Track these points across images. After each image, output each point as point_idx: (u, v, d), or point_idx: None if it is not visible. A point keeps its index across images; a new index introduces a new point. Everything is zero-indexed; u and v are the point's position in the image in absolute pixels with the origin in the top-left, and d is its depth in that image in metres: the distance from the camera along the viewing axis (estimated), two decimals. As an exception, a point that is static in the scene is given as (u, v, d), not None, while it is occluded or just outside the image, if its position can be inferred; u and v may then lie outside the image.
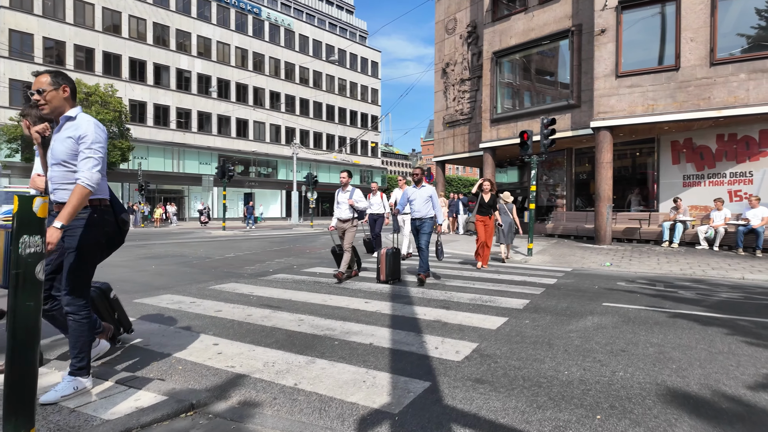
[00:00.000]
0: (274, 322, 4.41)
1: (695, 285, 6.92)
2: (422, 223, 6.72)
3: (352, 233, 6.92)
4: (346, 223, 6.91)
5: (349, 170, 7.11)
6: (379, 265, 6.70)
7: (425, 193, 6.73)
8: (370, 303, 5.33)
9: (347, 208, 6.84)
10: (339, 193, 7.01)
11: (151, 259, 9.63)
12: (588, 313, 4.88)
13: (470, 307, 5.18)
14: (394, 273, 6.72)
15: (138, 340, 3.77)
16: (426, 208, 6.69)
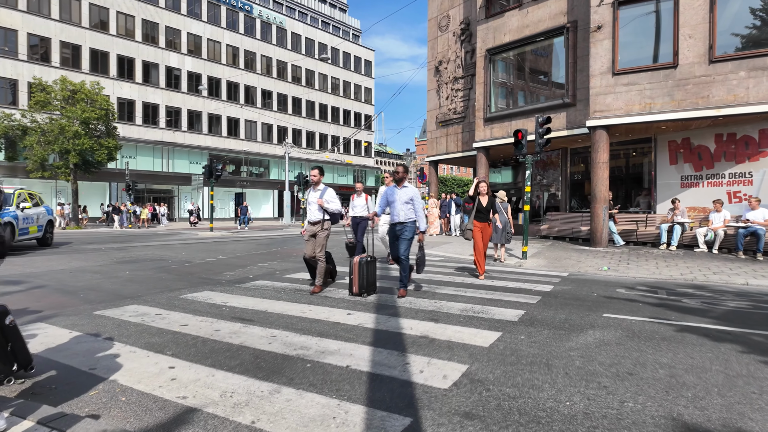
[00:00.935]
0: (243, 339, 3.98)
1: (698, 292, 6.56)
2: (403, 228, 5.91)
3: (323, 238, 6.11)
4: (315, 226, 6.10)
5: (320, 167, 6.27)
6: (351, 276, 5.87)
7: (406, 194, 5.93)
8: (353, 315, 4.91)
9: (317, 209, 6.04)
10: (309, 192, 6.23)
11: (127, 264, 9.15)
12: (588, 327, 4.49)
13: (461, 319, 4.77)
14: (369, 285, 5.88)
15: (85, 363, 3.32)
16: (407, 211, 5.89)
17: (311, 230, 6.14)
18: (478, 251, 7.53)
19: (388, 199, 6.03)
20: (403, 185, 6.05)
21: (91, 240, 16.25)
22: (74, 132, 24.54)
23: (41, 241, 12.14)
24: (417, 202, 5.91)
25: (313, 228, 6.13)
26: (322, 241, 6.10)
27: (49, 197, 32.38)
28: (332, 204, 6.07)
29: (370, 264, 5.95)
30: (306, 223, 6.25)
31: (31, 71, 30.68)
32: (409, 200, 5.89)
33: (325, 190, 6.12)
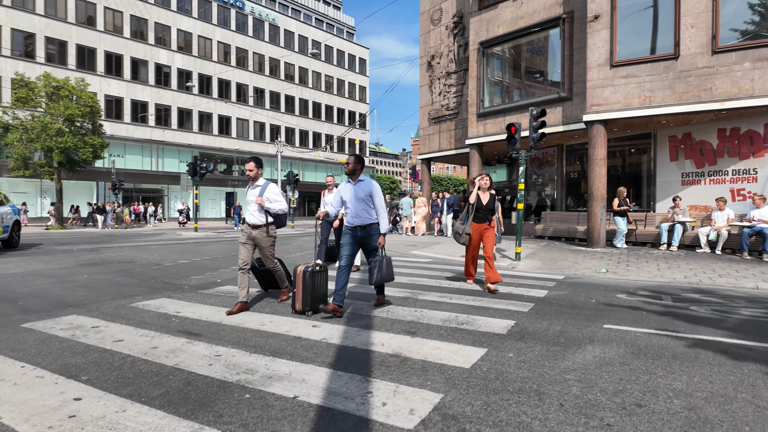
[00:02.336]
0: (180, 359, 3.36)
1: (706, 298, 5.99)
2: (367, 235, 4.85)
3: (269, 247, 5.02)
4: (256, 230, 4.93)
5: (257, 158, 5.02)
6: (294, 289, 4.79)
7: (363, 189, 4.85)
8: (319, 327, 4.30)
9: (257, 209, 4.94)
10: (249, 188, 5.09)
11: (90, 266, 8.51)
12: (587, 341, 3.90)
13: (442, 331, 4.17)
14: (316, 301, 4.74)
15: (-31, 395, 2.70)
16: (366, 210, 4.84)
17: (249, 234, 4.98)
18: (471, 255, 6.53)
19: (342, 197, 4.97)
20: (358, 179, 4.93)
21: (68, 241, 15.57)
22: (57, 129, 23.81)
23: (6, 243, 11.43)
24: (377, 197, 4.86)
25: (253, 233, 4.96)
26: (268, 252, 5.02)
27: (34, 197, 31.63)
28: (275, 203, 4.96)
29: (319, 275, 4.80)
30: (245, 225, 5.12)
31: (14, 67, 29.88)
32: (366, 196, 4.83)
33: (266, 185, 5.00)
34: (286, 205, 5.04)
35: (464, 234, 6.39)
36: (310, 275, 4.70)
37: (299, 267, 4.78)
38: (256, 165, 4.97)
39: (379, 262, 4.84)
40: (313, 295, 4.71)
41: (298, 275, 4.72)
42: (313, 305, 4.71)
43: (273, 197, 4.96)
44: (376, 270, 4.81)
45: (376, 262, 4.83)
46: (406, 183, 74.74)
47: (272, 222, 4.99)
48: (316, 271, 4.77)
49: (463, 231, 6.40)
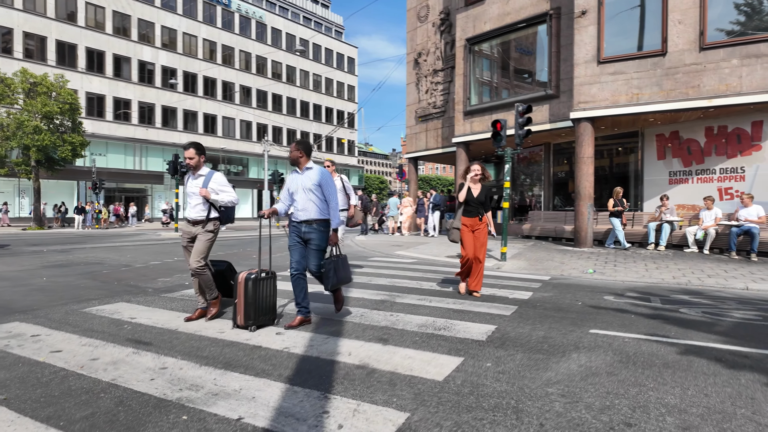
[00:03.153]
0: (119, 372, 3.00)
1: (696, 299, 5.75)
2: (310, 231, 4.15)
3: (205, 242, 4.24)
4: (196, 227, 4.28)
5: (197, 143, 4.36)
6: (236, 300, 4.05)
7: (309, 179, 4.18)
8: (282, 335, 3.96)
9: (200, 202, 4.26)
10: (189, 179, 4.39)
11: (54, 268, 8.06)
12: (572, 348, 3.61)
13: (417, 338, 3.85)
14: (262, 313, 4.06)
15: None
16: (314, 204, 4.15)
17: (190, 233, 4.32)
18: (466, 258, 5.60)
19: (289, 189, 4.29)
20: (306, 167, 4.25)
21: (42, 242, 15.01)
22: (34, 127, 23.10)
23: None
24: (328, 188, 4.19)
25: (191, 230, 4.30)
26: (202, 246, 4.23)
27: (12, 196, 30.76)
28: (223, 194, 4.31)
29: (264, 283, 4.07)
30: (183, 223, 4.44)
31: (-10, 63, 29.01)
32: (314, 187, 4.15)
33: (210, 175, 4.34)
34: (235, 197, 4.43)
35: (452, 228, 5.74)
36: (253, 284, 3.98)
37: (241, 274, 4.08)
38: (196, 151, 4.30)
39: (335, 263, 4.25)
40: (257, 306, 4.01)
41: (239, 283, 4.00)
42: (258, 318, 4.03)
43: (220, 188, 4.30)
44: (332, 273, 4.18)
45: (331, 264, 4.21)
46: (396, 183, 74.60)
47: (216, 217, 4.32)
48: (261, 278, 4.05)
49: (452, 226, 5.76)
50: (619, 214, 11.14)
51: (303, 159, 4.25)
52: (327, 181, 4.20)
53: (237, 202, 4.48)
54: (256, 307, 4.02)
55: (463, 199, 5.65)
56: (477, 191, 5.69)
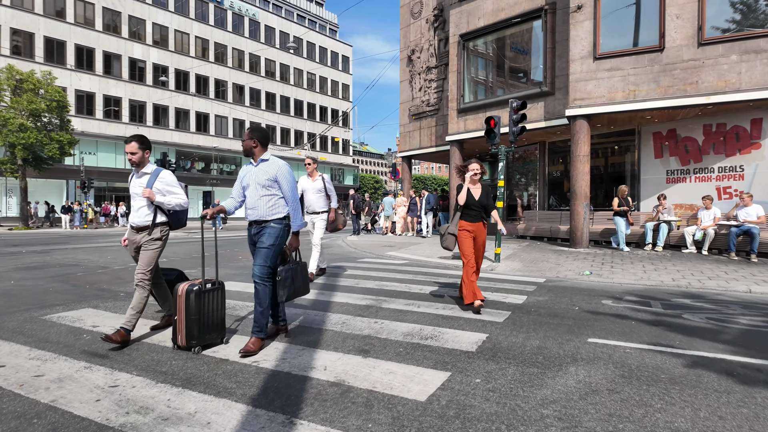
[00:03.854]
0: (63, 392, 2.67)
1: (698, 303, 5.47)
2: (261, 232, 3.61)
3: (151, 253, 3.70)
4: (140, 234, 3.72)
5: (141, 136, 3.76)
6: (175, 317, 3.44)
7: (265, 172, 3.59)
8: (255, 344, 3.63)
9: (144, 205, 3.70)
10: (132, 178, 3.82)
11: (26, 271, 7.68)
12: (570, 360, 3.31)
13: (401, 349, 3.54)
14: (206, 330, 3.45)
15: None
16: (268, 201, 3.58)
17: (134, 242, 3.76)
18: (468, 267, 4.83)
19: (242, 184, 3.70)
20: (260, 158, 3.64)
21: (24, 242, 14.58)
22: (19, 125, 22.59)
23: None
24: (286, 184, 3.61)
25: (137, 238, 3.74)
26: (149, 256, 3.67)
27: (-1, 195, 30.21)
28: (171, 196, 3.76)
29: (209, 295, 3.48)
30: (128, 230, 3.85)
31: (-24, 59, 28.44)
32: (268, 182, 3.56)
33: (156, 173, 3.75)
34: (184, 199, 3.86)
35: (447, 234, 4.97)
36: (196, 297, 3.37)
37: (180, 286, 3.44)
38: (140, 145, 3.69)
39: (293, 270, 3.66)
40: (201, 323, 3.40)
41: (179, 296, 3.39)
42: (203, 337, 3.42)
43: (167, 188, 3.73)
44: (289, 281, 3.59)
45: (290, 271, 3.61)
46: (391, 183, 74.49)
47: (164, 222, 3.76)
48: (206, 290, 3.45)
49: (446, 231, 4.99)
50: (624, 213, 10.65)
51: (258, 149, 3.62)
52: (285, 176, 3.61)
53: (186, 205, 3.89)
54: (201, 325, 3.40)
55: (463, 202, 4.95)
56: (477, 192, 5.03)
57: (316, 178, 6.71)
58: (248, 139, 3.60)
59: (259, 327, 3.50)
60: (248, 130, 3.63)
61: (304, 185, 6.65)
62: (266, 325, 3.54)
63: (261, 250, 3.54)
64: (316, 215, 6.70)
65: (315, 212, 6.68)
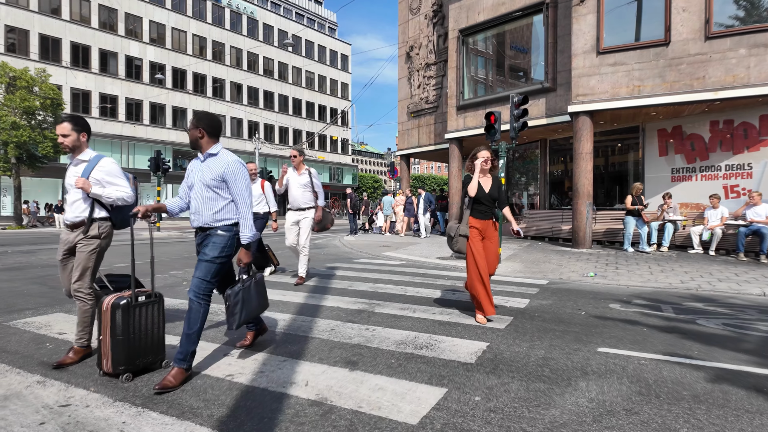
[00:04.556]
0: (6, 412, 2.34)
1: (711, 307, 5.15)
2: (205, 239, 3.00)
3: (87, 256, 3.10)
4: (75, 232, 3.14)
5: (77, 117, 3.20)
6: (100, 337, 2.83)
7: (212, 169, 2.96)
8: (231, 356, 3.31)
9: (79, 198, 3.11)
10: (70, 166, 3.21)
11: (5, 271, 7.34)
12: (579, 374, 2.98)
13: (392, 360, 3.21)
14: (138, 352, 2.83)
15: None
16: (210, 206, 2.97)
17: (67, 242, 3.17)
18: (481, 270, 4.22)
19: (187, 181, 3.09)
20: (208, 152, 2.99)
21: (12, 242, 14.25)
22: (12, 123, 22.25)
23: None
24: (236, 186, 2.96)
25: (70, 237, 3.15)
26: (84, 260, 3.08)
27: (-8, 194, 29.85)
28: (112, 189, 3.12)
29: (143, 310, 2.86)
30: (62, 229, 3.27)
31: (-31, 57, 28.08)
32: (214, 182, 2.93)
33: (96, 160, 3.16)
34: (128, 193, 3.18)
35: (458, 235, 4.38)
36: (123, 313, 2.76)
37: (105, 300, 2.82)
38: (73, 126, 3.11)
39: (244, 292, 3.06)
40: (131, 345, 2.79)
41: (104, 312, 2.78)
42: (134, 360, 2.80)
43: (107, 178, 3.11)
44: (239, 307, 3.00)
45: (239, 295, 3.02)
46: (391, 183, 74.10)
47: (104, 217, 3.12)
48: (137, 304, 2.83)
49: (456, 231, 4.40)
50: (637, 212, 10.11)
51: (204, 140, 2.97)
52: (235, 174, 2.94)
53: (131, 200, 3.23)
54: (131, 347, 2.78)
55: (474, 193, 4.30)
56: (488, 185, 4.42)
57: (303, 171, 6.21)
58: (193, 129, 2.96)
59: (182, 354, 2.77)
60: (193, 118, 3.00)
61: (290, 179, 6.19)
62: (193, 353, 2.83)
63: (201, 263, 2.91)
64: (301, 212, 6.18)
65: (300, 208, 6.17)
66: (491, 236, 4.43)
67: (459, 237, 4.39)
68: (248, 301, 3.09)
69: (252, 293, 3.15)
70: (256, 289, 3.20)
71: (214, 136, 3.01)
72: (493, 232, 4.47)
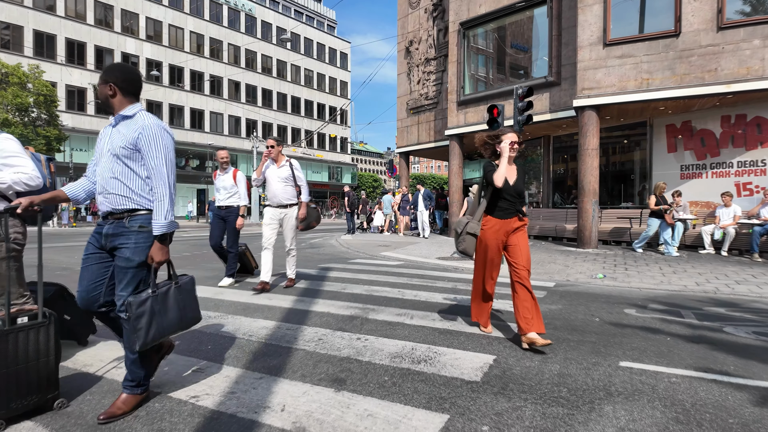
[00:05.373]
0: None
1: (736, 313, 4.72)
2: (117, 233, 2.29)
3: None
4: None
5: None
6: None
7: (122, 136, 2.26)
8: (201, 372, 2.88)
9: None
10: None
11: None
12: (602, 395, 2.56)
13: (386, 377, 2.79)
14: (16, 390, 2.15)
15: None
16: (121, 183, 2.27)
17: None
18: (487, 285, 3.70)
19: (96, 155, 2.43)
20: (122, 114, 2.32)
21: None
22: (3, 119, 21.84)
23: None
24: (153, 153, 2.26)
25: None
26: None
27: (-14, 193, 29.42)
28: (8, 171, 2.59)
29: (23, 337, 2.19)
30: None
31: (-38, 53, 27.67)
32: (125, 151, 2.26)
33: None
34: (31, 173, 2.61)
35: (465, 233, 3.55)
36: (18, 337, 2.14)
37: None
38: None
39: (153, 301, 2.25)
40: (10, 380, 2.12)
41: None
42: (7, 404, 2.12)
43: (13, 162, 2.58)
44: (144, 322, 2.19)
45: (144, 304, 2.21)
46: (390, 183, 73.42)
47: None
48: (12, 329, 2.14)
49: (464, 227, 3.56)
50: (661, 213, 9.25)
51: (117, 99, 2.30)
52: (154, 140, 2.25)
53: (38, 182, 2.65)
54: (10, 382, 2.12)
55: (501, 182, 3.41)
56: (513, 176, 3.57)
57: (282, 163, 5.48)
58: (102, 84, 2.29)
59: (133, 381, 2.30)
60: (103, 71, 2.32)
61: (268, 173, 5.47)
62: (145, 376, 2.35)
63: (125, 271, 2.24)
64: (283, 210, 5.47)
65: (282, 205, 5.46)
66: (516, 236, 3.56)
67: (467, 235, 3.54)
68: (161, 313, 2.27)
69: (169, 303, 2.32)
70: (176, 298, 2.36)
71: (130, 93, 2.33)
72: (520, 233, 3.58)
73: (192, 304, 2.47)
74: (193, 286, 2.51)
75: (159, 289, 2.31)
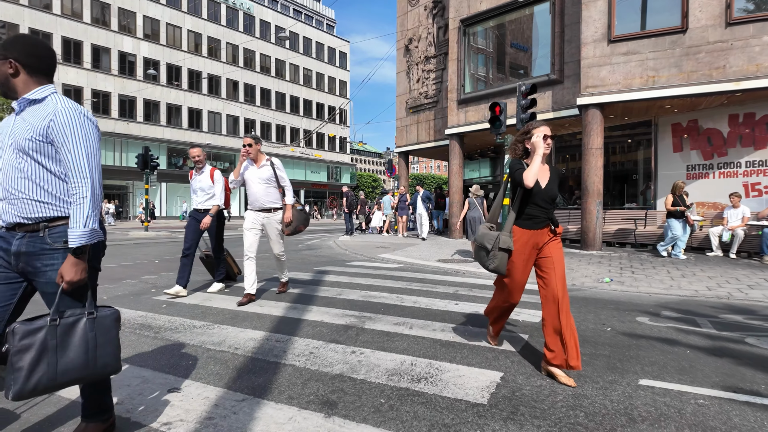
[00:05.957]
0: None
1: (756, 322, 4.45)
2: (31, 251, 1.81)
3: None
4: None
5: None
6: None
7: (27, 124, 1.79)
8: (179, 392, 2.61)
9: None
10: None
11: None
12: (624, 421, 2.28)
13: (382, 399, 2.51)
14: None
15: None
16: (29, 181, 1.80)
17: None
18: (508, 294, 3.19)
19: None
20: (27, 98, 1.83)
21: None
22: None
23: None
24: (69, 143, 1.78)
25: None
26: None
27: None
28: None
29: None
30: None
31: (-43, 51, 27.28)
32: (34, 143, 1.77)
33: None
34: None
35: (496, 249, 2.93)
36: None
37: None
38: None
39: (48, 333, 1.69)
40: None
41: None
42: None
43: None
44: (33, 357, 1.64)
45: (32, 335, 1.66)
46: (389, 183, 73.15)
47: None
48: None
49: (495, 242, 2.93)
50: (679, 214, 8.71)
51: (20, 79, 1.83)
52: (70, 129, 1.78)
53: None
54: None
55: (533, 182, 2.85)
56: (545, 178, 3.02)
57: (263, 163, 4.97)
58: (2, 61, 1.79)
59: (94, 409, 1.99)
60: (1, 45, 1.81)
61: (247, 174, 4.96)
62: (108, 405, 2.04)
63: (52, 296, 1.79)
64: (267, 214, 5.00)
65: (264, 209, 4.98)
66: (549, 248, 3.00)
67: (499, 251, 2.92)
68: (57, 351, 1.69)
69: (73, 339, 1.73)
70: (85, 335, 1.76)
71: (38, 72, 1.85)
72: (554, 244, 3.01)
73: (108, 347, 1.82)
74: (116, 323, 1.86)
75: (63, 318, 1.74)
